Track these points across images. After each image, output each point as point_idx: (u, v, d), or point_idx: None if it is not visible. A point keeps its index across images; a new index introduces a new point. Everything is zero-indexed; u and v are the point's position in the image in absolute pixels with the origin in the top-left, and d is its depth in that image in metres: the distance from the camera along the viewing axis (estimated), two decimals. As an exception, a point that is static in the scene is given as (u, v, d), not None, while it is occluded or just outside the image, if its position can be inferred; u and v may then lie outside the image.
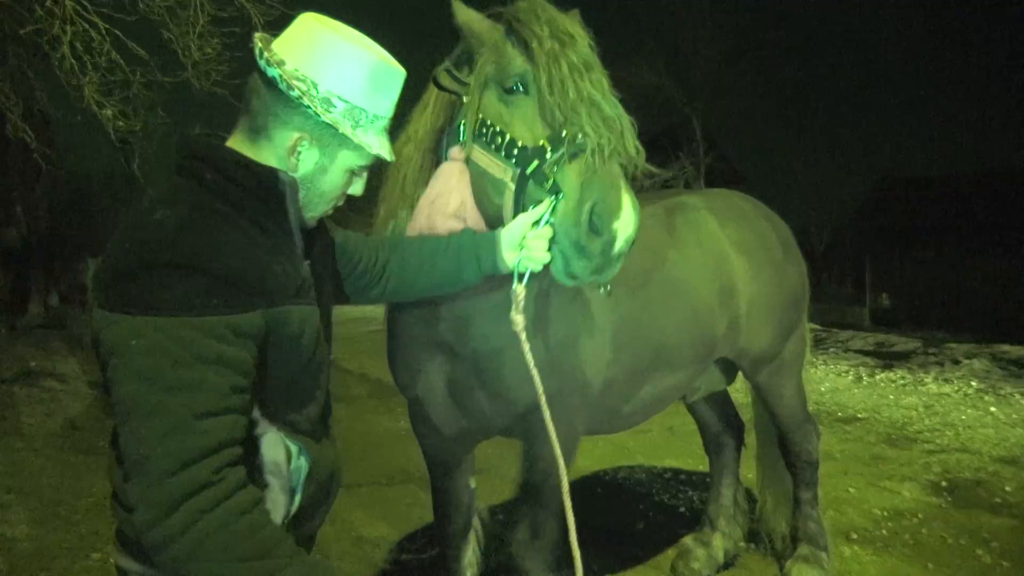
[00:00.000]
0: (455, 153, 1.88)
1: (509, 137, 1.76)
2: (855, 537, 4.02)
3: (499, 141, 1.77)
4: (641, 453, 5.51)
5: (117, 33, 6.88)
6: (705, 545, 3.48)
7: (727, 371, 3.30)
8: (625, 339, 2.43)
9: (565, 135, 1.68)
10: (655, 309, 2.56)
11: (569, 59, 1.72)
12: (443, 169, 1.90)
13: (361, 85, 1.38)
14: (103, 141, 7.37)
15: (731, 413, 3.67)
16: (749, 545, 3.75)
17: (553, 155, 1.69)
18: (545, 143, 1.71)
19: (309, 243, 1.50)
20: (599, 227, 1.63)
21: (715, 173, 22.77)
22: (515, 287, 1.76)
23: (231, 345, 1.21)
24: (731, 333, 2.89)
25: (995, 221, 24.22)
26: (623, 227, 1.64)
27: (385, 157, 1.47)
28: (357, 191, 1.52)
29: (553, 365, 2.13)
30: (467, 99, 1.86)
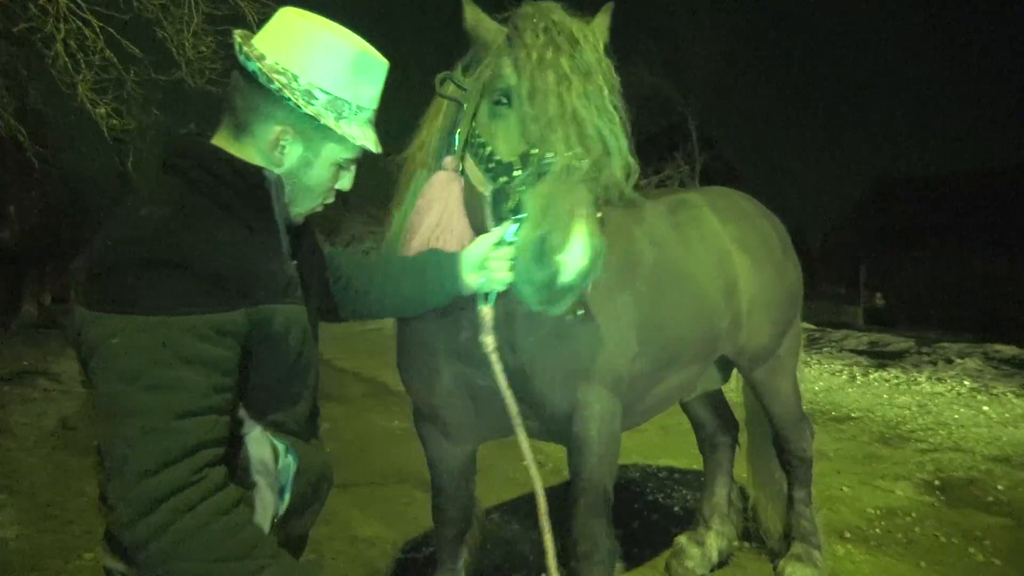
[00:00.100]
0: (447, 163, 1.84)
1: (490, 150, 1.70)
2: (848, 536, 4.03)
3: (482, 153, 1.73)
4: (636, 452, 5.51)
5: (111, 31, 6.85)
6: (699, 544, 3.49)
7: (722, 370, 3.31)
8: (648, 333, 2.37)
9: (536, 152, 1.60)
10: (670, 304, 2.54)
11: (560, 69, 1.62)
12: (432, 180, 1.86)
13: (342, 76, 1.37)
14: (97, 140, 7.35)
15: (725, 412, 3.68)
16: (743, 544, 3.76)
17: (521, 173, 1.62)
18: (516, 160, 1.64)
19: (296, 242, 1.48)
20: (544, 259, 1.52)
21: (711, 172, 22.81)
22: (480, 308, 1.70)
23: (214, 344, 1.20)
24: (733, 330, 2.90)
25: (989, 221, 24.35)
26: (572, 260, 1.50)
27: (371, 148, 1.45)
28: (345, 186, 1.50)
29: (590, 361, 2.10)
30: (466, 107, 1.81)
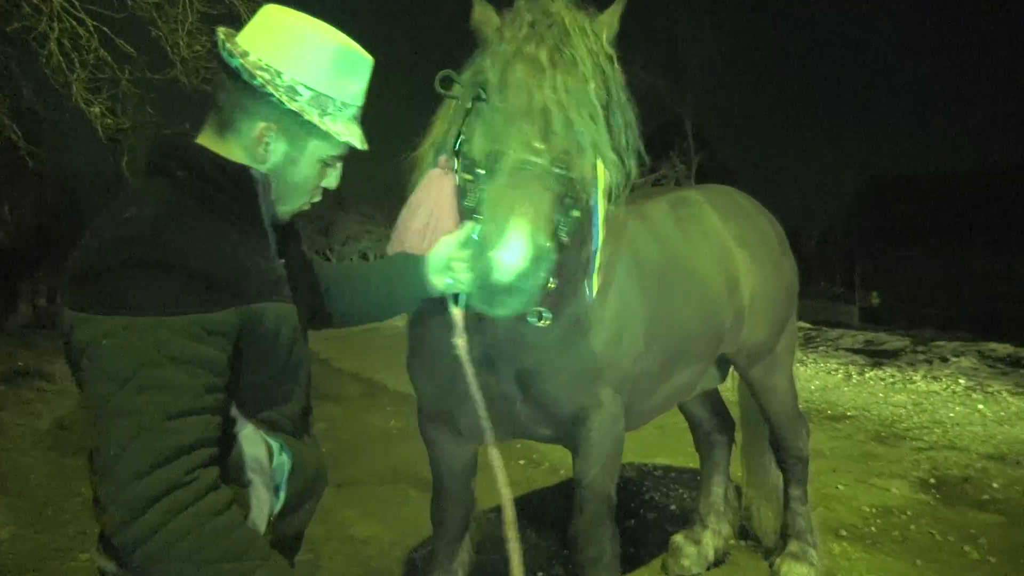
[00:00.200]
0: (441, 161, 1.84)
1: (467, 147, 1.69)
2: (844, 534, 4.04)
3: (463, 150, 1.72)
4: (632, 451, 5.51)
5: (105, 30, 6.81)
6: (695, 543, 3.49)
7: (719, 369, 3.31)
8: (655, 331, 2.36)
9: (495, 149, 1.57)
10: (676, 301, 2.53)
11: (536, 61, 1.59)
12: (424, 178, 1.85)
13: (325, 72, 1.36)
14: (92, 139, 7.31)
15: (722, 411, 3.68)
16: (740, 542, 3.77)
17: (483, 171, 1.60)
18: (482, 157, 1.62)
19: (284, 243, 1.47)
20: (480, 258, 1.49)
21: (706, 171, 22.86)
22: (450, 310, 1.68)
23: (204, 344, 1.20)
24: (735, 326, 2.91)
25: (984, 220, 24.43)
26: (508, 259, 1.45)
27: (356, 145, 1.44)
28: (331, 183, 1.48)
29: (600, 361, 2.10)
30: (460, 104, 1.80)
